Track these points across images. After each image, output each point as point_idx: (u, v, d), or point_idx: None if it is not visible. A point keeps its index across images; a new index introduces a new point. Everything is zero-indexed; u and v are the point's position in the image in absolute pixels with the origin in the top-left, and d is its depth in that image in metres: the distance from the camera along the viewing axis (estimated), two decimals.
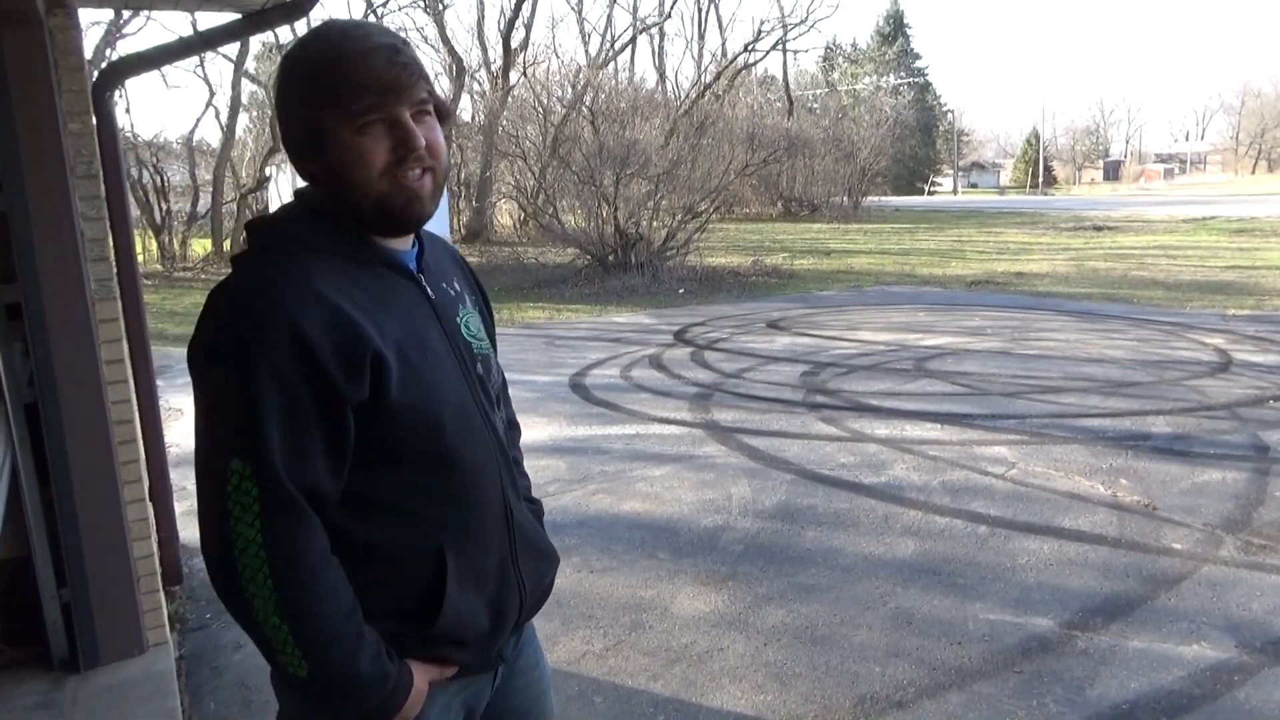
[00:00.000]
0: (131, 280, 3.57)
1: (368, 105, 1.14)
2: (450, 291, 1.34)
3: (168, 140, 23.77)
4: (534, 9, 27.23)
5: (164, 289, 16.09)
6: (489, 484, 1.30)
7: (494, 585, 1.31)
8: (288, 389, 1.10)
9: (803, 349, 8.96)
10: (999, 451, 5.41)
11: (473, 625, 1.28)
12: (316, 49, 1.17)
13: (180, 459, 5.80)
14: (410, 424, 1.18)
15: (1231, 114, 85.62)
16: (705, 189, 17.19)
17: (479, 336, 1.35)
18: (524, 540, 1.36)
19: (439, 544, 1.24)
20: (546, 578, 1.43)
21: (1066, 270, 15.42)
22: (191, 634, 3.53)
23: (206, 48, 4.07)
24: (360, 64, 1.14)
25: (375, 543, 1.21)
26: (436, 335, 1.26)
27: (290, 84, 1.19)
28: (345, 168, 1.17)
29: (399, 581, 1.23)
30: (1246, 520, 4.27)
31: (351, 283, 1.18)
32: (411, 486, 1.22)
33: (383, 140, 1.16)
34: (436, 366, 1.23)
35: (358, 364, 1.12)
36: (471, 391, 1.29)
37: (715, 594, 3.70)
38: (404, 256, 1.27)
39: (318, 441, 1.13)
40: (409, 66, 1.17)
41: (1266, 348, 8.26)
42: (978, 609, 3.49)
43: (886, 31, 59.76)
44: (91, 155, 3.06)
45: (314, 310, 1.11)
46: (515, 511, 1.34)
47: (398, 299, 1.23)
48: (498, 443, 1.32)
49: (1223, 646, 3.15)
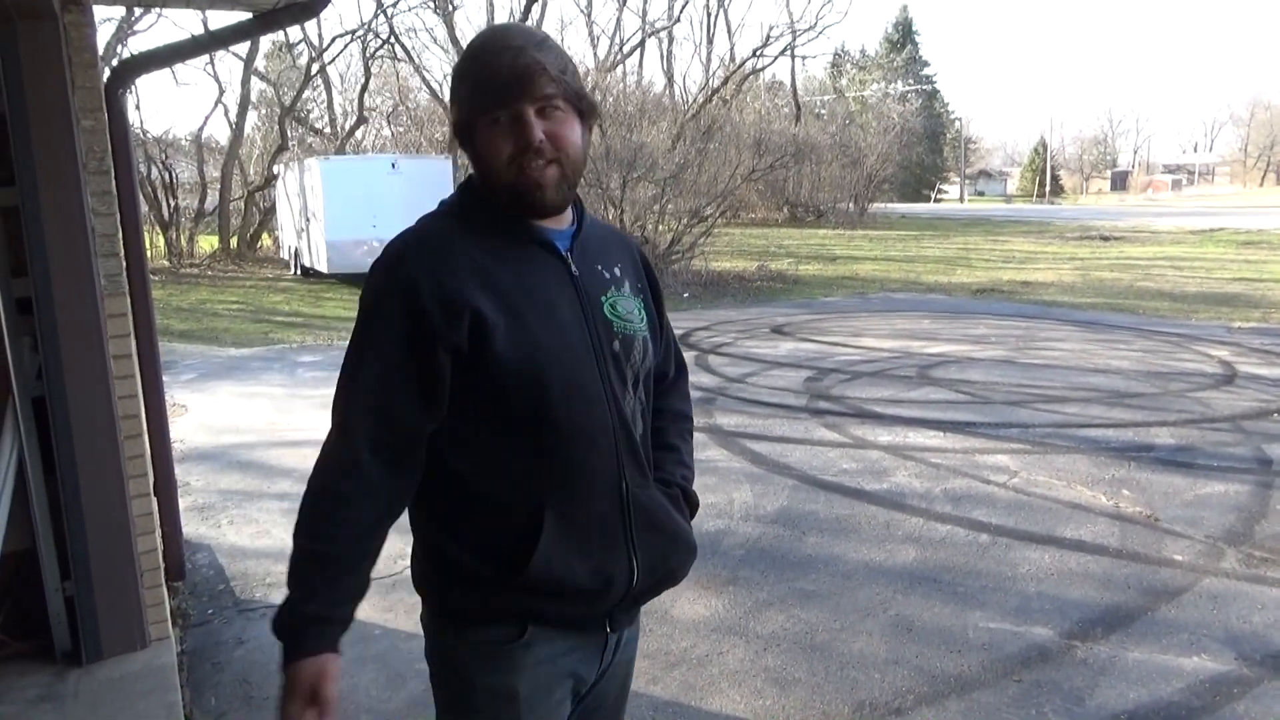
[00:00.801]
0: (141, 277, 3.59)
1: (494, 102, 1.28)
2: (605, 274, 1.42)
3: (176, 137, 23.90)
4: (544, 11, 27.25)
5: (170, 285, 16.14)
6: (599, 454, 1.35)
7: (600, 552, 1.36)
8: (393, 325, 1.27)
9: (807, 354, 8.96)
10: (1001, 460, 5.41)
11: (571, 582, 1.34)
12: (469, 51, 1.33)
13: (184, 454, 5.84)
14: (514, 377, 1.28)
15: (1240, 126, 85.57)
16: (711, 193, 17.22)
17: (626, 318, 1.41)
18: (645, 517, 1.40)
19: (541, 500, 1.32)
20: (670, 559, 1.45)
21: (1072, 280, 15.41)
22: (194, 629, 3.54)
23: (218, 46, 4.10)
24: (491, 63, 1.28)
25: (478, 487, 1.33)
26: (569, 306, 1.34)
27: (453, 84, 1.35)
28: (483, 157, 1.31)
29: (498, 527, 1.33)
30: (1248, 533, 4.26)
31: (486, 250, 1.32)
32: (514, 440, 1.32)
33: (508, 134, 1.28)
34: (556, 330, 1.32)
35: (456, 312, 1.26)
36: (597, 363, 1.35)
37: (716, 598, 3.70)
38: (549, 234, 1.37)
39: (412, 375, 1.28)
40: (530, 66, 1.27)
41: (1272, 361, 8.25)
42: (978, 617, 3.49)
43: (895, 39, 59.75)
44: (104, 151, 3.08)
45: (433, 263, 1.28)
46: (633, 487, 1.38)
47: (532, 268, 1.34)
48: (619, 417, 1.37)
49: (1223, 659, 3.15)
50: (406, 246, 1.33)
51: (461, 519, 1.34)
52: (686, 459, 1.57)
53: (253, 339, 10.82)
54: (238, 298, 14.89)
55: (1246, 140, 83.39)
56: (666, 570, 1.46)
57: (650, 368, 1.48)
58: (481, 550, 1.33)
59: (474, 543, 1.34)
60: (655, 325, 1.51)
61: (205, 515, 4.77)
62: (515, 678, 1.36)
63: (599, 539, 1.36)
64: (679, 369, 1.65)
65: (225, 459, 5.83)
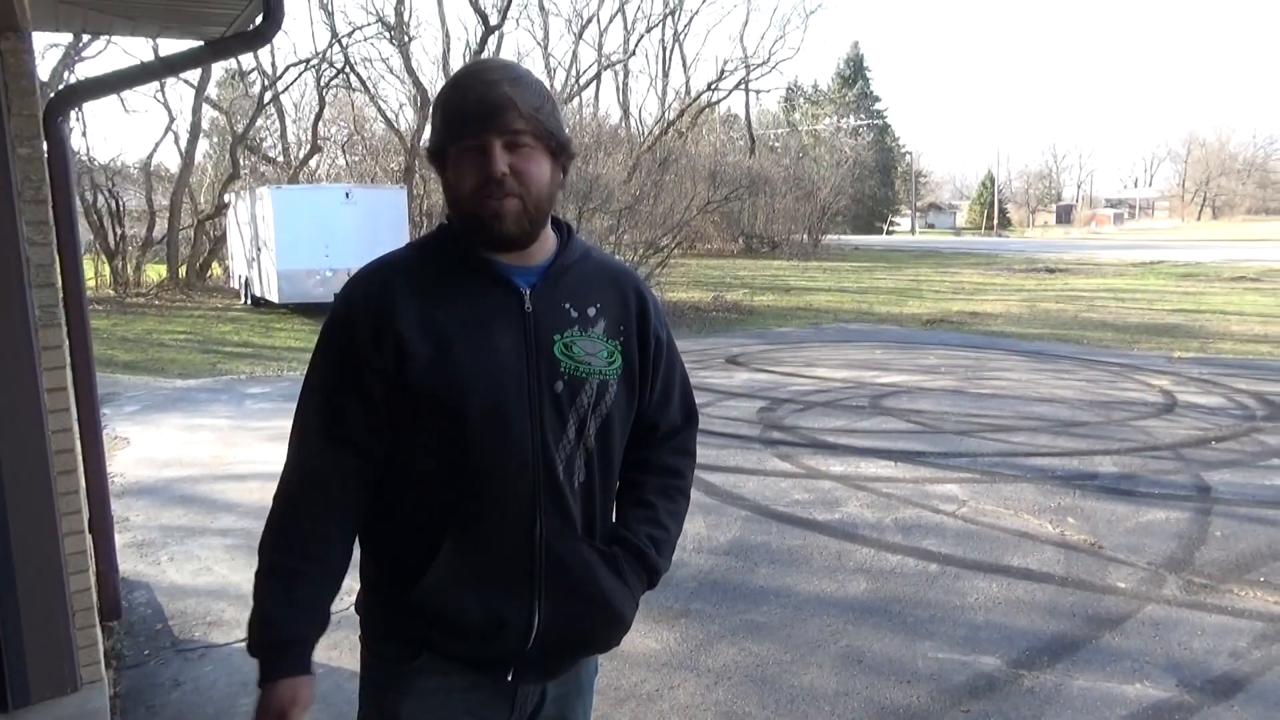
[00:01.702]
0: (79, 307, 3.50)
1: (463, 131, 1.31)
2: (572, 313, 1.39)
3: (125, 165, 23.45)
4: (499, 42, 27.37)
5: (116, 315, 15.79)
6: (513, 494, 1.33)
7: (495, 593, 1.34)
8: (334, 350, 1.35)
9: (761, 385, 9.02)
10: (950, 489, 5.48)
11: (457, 616, 1.33)
12: (451, 80, 1.38)
13: (125, 489, 5.68)
14: (429, 405, 1.31)
15: (1178, 162, 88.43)
16: (667, 224, 17.37)
17: (581, 359, 1.37)
18: (559, 571, 1.35)
19: (444, 527, 1.33)
20: (584, 622, 1.39)
21: (1019, 311, 15.74)
22: (128, 671, 3.42)
23: (167, 74, 4.04)
24: (466, 94, 1.32)
25: (396, 504, 1.37)
26: (512, 342, 1.34)
27: (433, 109, 1.40)
28: (451, 186, 1.35)
29: (404, 544, 1.35)
30: (1189, 559, 4.35)
31: (435, 280, 1.36)
32: (430, 465, 1.33)
33: (474, 164, 1.31)
34: (488, 365, 1.32)
35: (381, 337, 1.31)
36: (529, 402, 1.33)
37: (668, 631, 3.68)
38: (511, 270, 1.37)
39: (355, 398, 1.33)
40: (501, 100, 1.29)
41: (1210, 390, 8.48)
42: (927, 647, 3.51)
43: (847, 74, 60.95)
44: (40, 180, 3.00)
45: (370, 291, 1.35)
46: (549, 535, 1.34)
47: (476, 301, 1.35)
48: (545, 459, 1.33)
49: (1164, 685, 3.20)
50: (359, 276, 1.39)
51: (379, 529, 1.40)
52: (663, 519, 1.47)
53: (200, 370, 10.60)
54: (185, 328, 14.60)
55: (1184, 176, 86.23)
56: (580, 633, 1.41)
57: (610, 414, 1.40)
58: (386, 562, 1.39)
59: (382, 554, 1.40)
60: (634, 372, 1.44)
61: (144, 552, 4.64)
62: (399, 700, 1.38)
63: (497, 580, 1.34)
64: (686, 422, 1.56)
65: (167, 493, 5.68)
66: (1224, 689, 3.18)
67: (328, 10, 26.22)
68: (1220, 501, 5.20)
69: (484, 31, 25.63)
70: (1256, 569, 4.22)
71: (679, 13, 37.80)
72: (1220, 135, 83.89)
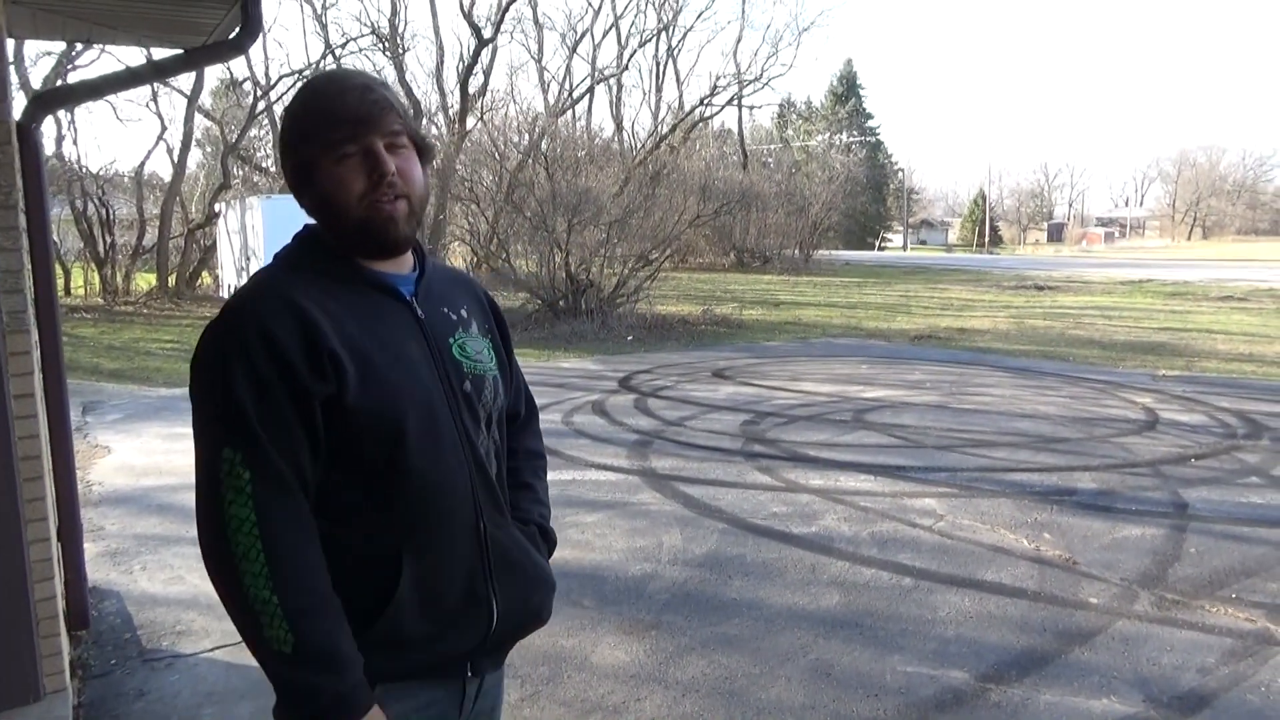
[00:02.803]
0: (50, 314, 3.50)
1: (343, 136, 1.28)
2: (452, 316, 1.43)
3: (116, 173, 23.44)
4: (493, 56, 27.54)
5: (104, 323, 15.75)
6: (456, 497, 1.34)
7: (460, 595, 1.35)
8: (265, 385, 1.22)
9: (745, 398, 9.03)
10: (928, 504, 5.48)
11: (426, 632, 1.32)
12: (305, 93, 1.34)
13: (102, 497, 5.66)
14: (368, 424, 1.27)
15: (1169, 182, 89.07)
16: (658, 238, 17.36)
17: (476, 358, 1.42)
18: (503, 557, 1.40)
19: (398, 548, 1.30)
20: (532, 599, 1.46)
21: (1007, 327, 15.79)
22: (93, 680, 3.40)
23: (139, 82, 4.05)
24: (336, 100, 1.29)
25: (334, 539, 1.28)
26: (419, 350, 1.34)
27: (285, 127, 1.34)
28: (329, 196, 1.31)
29: (355, 578, 1.29)
30: (1162, 576, 4.36)
31: (329, 296, 1.30)
32: (370, 488, 1.29)
33: (359, 169, 1.29)
34: (407, 374, 1.31)
35: (319, 360, 1.24)
36: (450, 405, 1.35)
37: (637, 643, 3.67)
38: (393, 279, 1.37)
39: (297, 430, 1.24)
40: (379, 102, 1.30)
41: (1192, 407, 8.51)
42: (896, 661, 3.51)
43: (840, 91, 61.36)
44: (10, 186, 3.01)
45: (284, 316, 1.24)
46: (491, 527, 1.38)
47: (377, 314, 1.33)
48: (474, 458, 1.37)
49: (1131, 701, 3.20)
50: (257, 299, 1.28)
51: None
52: (543, 497, 1.60)
53: (185, 379, 10.51)
54: (173, 336, 14.57)
55: (1174, 196, 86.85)
56: (528, 611, 1.46)
57: (502, 407, 1.49)
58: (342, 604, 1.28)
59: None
60: (505, 365, 1.54)
61: (117, 560, 4.61)
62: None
63: (460, 583, 1.35)
64: (529, 409, 1.67)
65: (144, 502, 5.66)
66: (1190, 705, 3.18)
67: (322, 22, 26.34)
68: (1196, 518, 5.21)
69: (477, 44, 25.77)
70: (1229, 585, 4.23)
71: (673, 28, 38.02)
72: (1211, 156, 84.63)
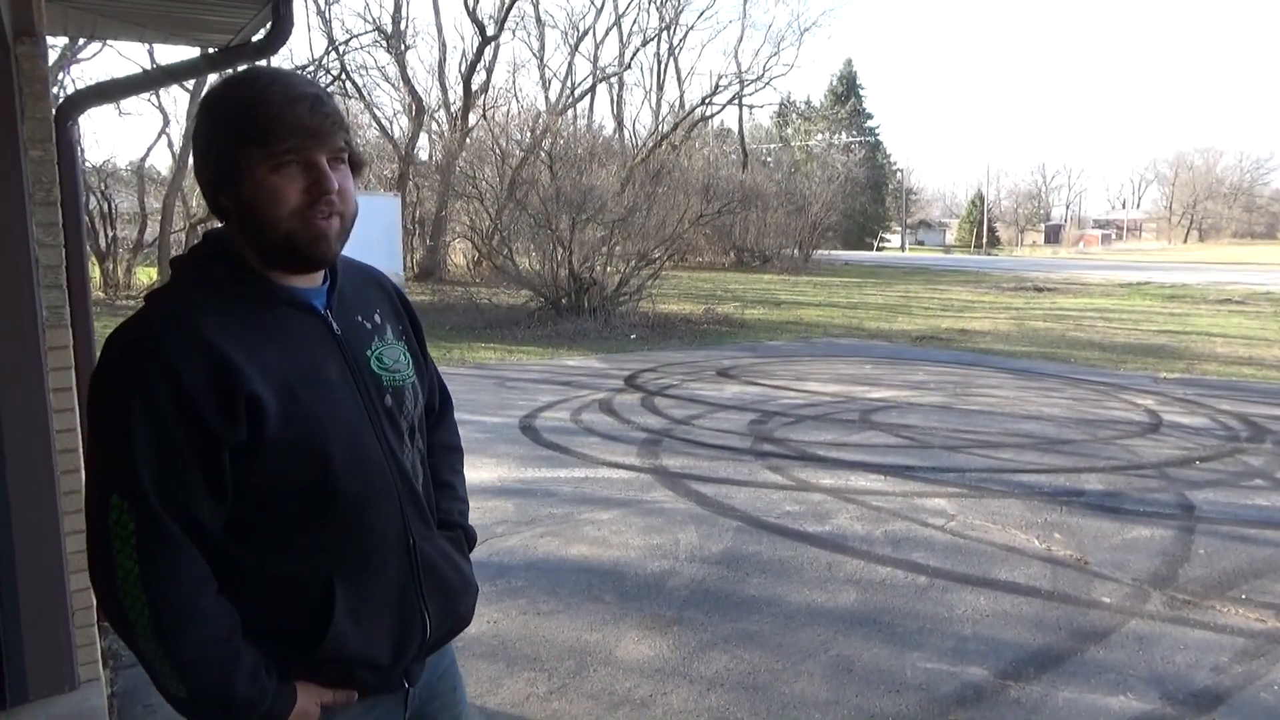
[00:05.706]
0: (84, 309, 3.54)
1: (288, 147, 1.21)
2: (366, 325, 1.38)
3: (117, 167, 23.43)
4: (495, 53, 27.55)
5: (106, 317, 15.73)
6: (384, 515, 1.32)
7: (394, 613, 1.34)
8: (164, 429, 1.15)
9: (751, 398, 9.08)
10: (939, 504, 5.54)
11: (366, 651, 1.31)
12: (245, 90, 1.23)
13: None
14: (292, 456, 1.22)
15: (1165, 184, 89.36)
16: (659, 237, 17.42)
17: (394, 369, 1.38)
18: (430, 571, 1.38)
19: (329, 573, 1.28)
20: (458, 607, 1.45)
21: (1008, 329, 15.87)
22: (125, 670, 3.45)
23: (170, 81, 4.09)
24: (286, 109, 1.21)
25: (264, 570, 1.26)
26: (337, 369, 1.30)
27: (213, 120, 1.24)
28: (258, 204, 1.22)
29: (288, 607, 1.27)
30: (1172, 576, 4.42)
31: (241, 323, 1.22)
32: (296, 517, 1.25)
33: (297, 181, 1.22)
34: (329, 399, 1.27)
35: (233, 405, 1.17)
36: (373, 424, 1.32)
37: (660, 639, 3.72)
38: (307, 294, 1.31)
39: (197, 478, 1.18)
40: (330, 116, 1.24)
41: (1194, 410, 8.58)
42: (916, 658, 3.57)
43: (840, 91, 61.41)
44: (51, 182, 3.04)
45: (191, 353, 1.16)
46: (420, 541, 1.37)
47: (293, 335, 1.27)
48: (399, 474, 1.35)
49: (1147, 698, 3.26)
50: (154, 333, 1.19)
51: (248, 609, 1.25)
52: (461, 493, 1.57)
53: None
54: None
55: (1171, 199, 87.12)
56: (455, 618, 1.46)
57: (422, 413, 1.46)
58: (273, 637, 1.27)
59: (264, 630, 1.26)
60: (421, 365, 1.48)
61: None
62: None
63: (394, 601, 1.34)
64: (444, 402, 1.61)
65: None
66: (1205, 702, 3.24)
67: (325, 18, 26.31)
68: (1204, 520, 5.28)
69: (480, 42, 25.78)
70: (1238, 586, 4.29)
71: (674, 27, 38.09)
72: (1208, 159, 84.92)
